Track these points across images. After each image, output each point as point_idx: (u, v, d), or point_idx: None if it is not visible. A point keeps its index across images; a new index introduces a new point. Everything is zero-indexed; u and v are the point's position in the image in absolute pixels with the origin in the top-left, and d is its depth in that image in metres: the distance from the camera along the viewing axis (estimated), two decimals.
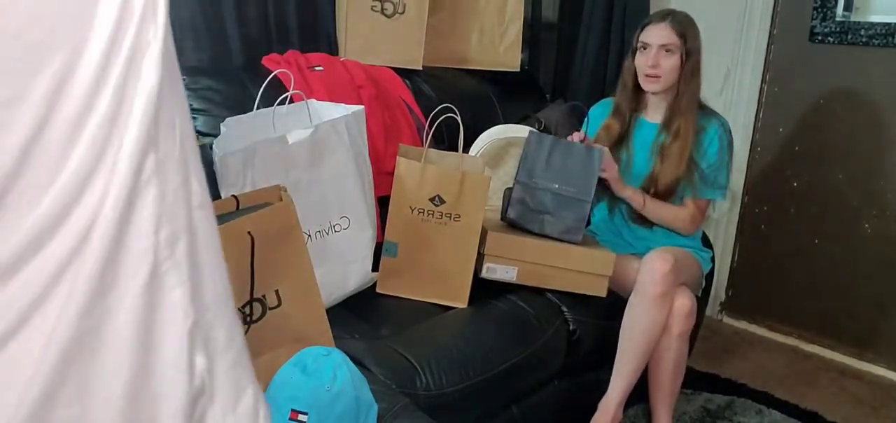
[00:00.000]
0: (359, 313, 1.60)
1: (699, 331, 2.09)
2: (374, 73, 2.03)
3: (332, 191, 1.57)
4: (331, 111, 1.62)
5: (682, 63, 1.86)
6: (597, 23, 2.69)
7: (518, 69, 2.43)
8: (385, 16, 2.09)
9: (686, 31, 1.86)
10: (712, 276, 2.15)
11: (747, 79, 2.67)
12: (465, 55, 2.34)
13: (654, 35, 1.87)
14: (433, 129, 1.74)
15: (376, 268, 1.70)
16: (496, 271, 1.74)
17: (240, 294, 1.17)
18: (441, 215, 1.68)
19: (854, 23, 2.42)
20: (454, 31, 2.30)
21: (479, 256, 1.73)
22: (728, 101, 2.69)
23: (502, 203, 1.85)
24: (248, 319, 1.19)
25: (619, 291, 1.83)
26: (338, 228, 1.59)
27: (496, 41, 2.37)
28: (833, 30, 2.45)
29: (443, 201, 1.67)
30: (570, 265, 1.77)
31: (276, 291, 1.24)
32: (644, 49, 1.89)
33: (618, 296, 1.82)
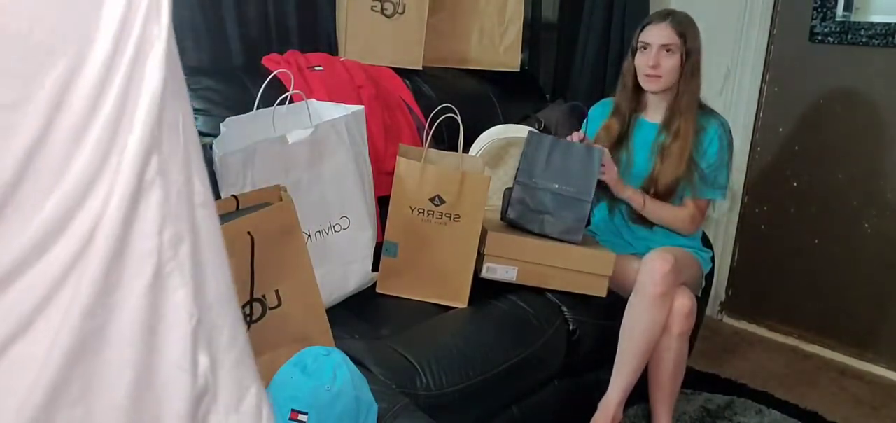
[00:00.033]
0: (359, 313, 1.60)
1: (699, 331, 2.09)
2: (374, 73, 2.02)
3: (332, 191, 1.57)
4: (331, 111, 1.62)
5: (683, 63, 1.86)
6: (597, 23, 2.69)
7: (518, 69, 2.43)
8: (385, 16, 2.09)
9: (686, 30, 1.86)
10: (712, 276, 2.15)
11: (747, 79, 2.66)
12: (465, 55, 2.34)
13: (655, 35, 1.87)
14: (433, 129, 1.74)
15: (376, 268, 1.70)
16: (496, 271, 1.74)
17: (240, 294, 1.17)
18: (441, 215, 1.68)
19: (854, 23, 2.42)
20: (454, 31, 2.30)
21: (479, 256, 1.73)
22: (728, 101, 2.69)
23: (502, 203, 1.85)
24: (248, 319, 1.19)
25: (619, 291, 1.83)
26: (338, 228, 1.59)
27: (496, 41, 2.37)
28: (833, 30, 2.45)
29: (443, 201, 1.67)
30: (570, 265, 1.77)
31: (276, 291, 1.24)
32: (644, 49, 1.89)
33: (618, 296, 1.82)
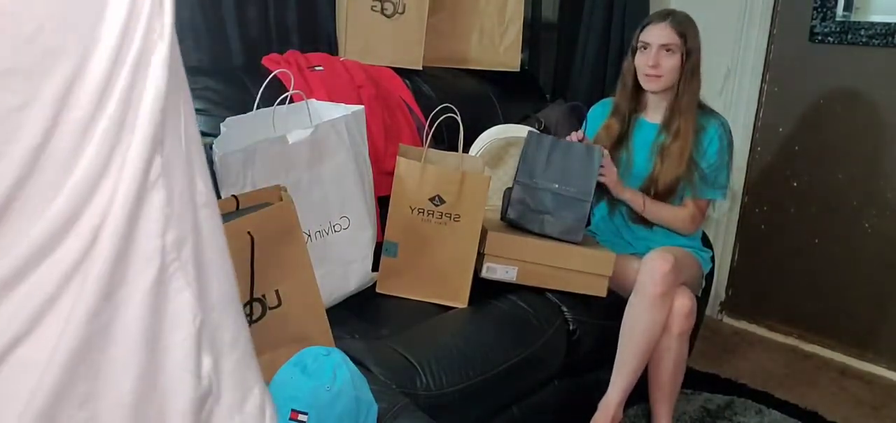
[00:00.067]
0: (359, 313, 1.60)
1: (699, 331, 2.09)
2: (374, 73, 2.02)
3: (333, 191, 1.56)
4: (331, 111, 1.61)
5: (683, 63, 1.86)
6: (597, 23, 2.69)
7: (518, 69, 2.43)
8: (385, 16, 2.08)
9: (686, 30, 1.86)
10: (712, 276, 2.15)
11: (747, 79, 2.67)
12: (465, 55, 2.34)
13: (655, 35, 1.87)
14: (433, 129, 1.74)
15: (376, 268, 1.70)
16: (496, 271, 1.74)
17: (240, 294, 1.16)
18: (441, 215, 1.68)
19: (854, 23, 2.42)
20: (454, 31, 2.30)
21: (479, 256, 1.73)
22: (728, 101, 2.69)
23: (502, 203, 1.85)
24: (249, 319, 1.19)
25: (619, 291, 1.83)
26: (338, 228, 1.59)
27: (496, 41, 2.37)
28: (833, 30, 2.46)
29: (443, 201, 1.67)
30: (570, 265, 1.77)
31: (276, 291, 1.24)
32: (644, 49, 1.89)
33: (618, 296, 1.82)
